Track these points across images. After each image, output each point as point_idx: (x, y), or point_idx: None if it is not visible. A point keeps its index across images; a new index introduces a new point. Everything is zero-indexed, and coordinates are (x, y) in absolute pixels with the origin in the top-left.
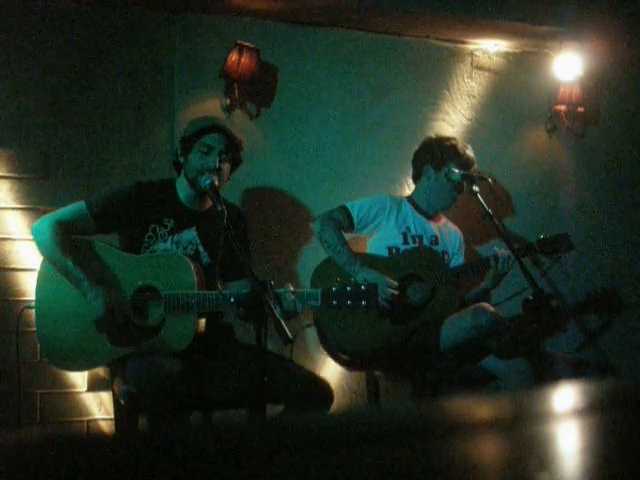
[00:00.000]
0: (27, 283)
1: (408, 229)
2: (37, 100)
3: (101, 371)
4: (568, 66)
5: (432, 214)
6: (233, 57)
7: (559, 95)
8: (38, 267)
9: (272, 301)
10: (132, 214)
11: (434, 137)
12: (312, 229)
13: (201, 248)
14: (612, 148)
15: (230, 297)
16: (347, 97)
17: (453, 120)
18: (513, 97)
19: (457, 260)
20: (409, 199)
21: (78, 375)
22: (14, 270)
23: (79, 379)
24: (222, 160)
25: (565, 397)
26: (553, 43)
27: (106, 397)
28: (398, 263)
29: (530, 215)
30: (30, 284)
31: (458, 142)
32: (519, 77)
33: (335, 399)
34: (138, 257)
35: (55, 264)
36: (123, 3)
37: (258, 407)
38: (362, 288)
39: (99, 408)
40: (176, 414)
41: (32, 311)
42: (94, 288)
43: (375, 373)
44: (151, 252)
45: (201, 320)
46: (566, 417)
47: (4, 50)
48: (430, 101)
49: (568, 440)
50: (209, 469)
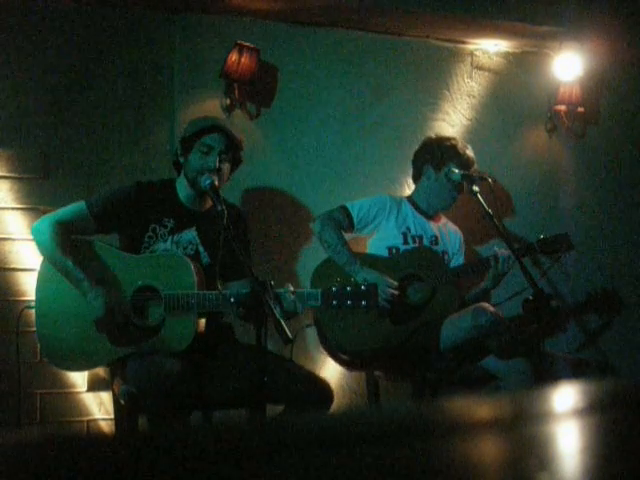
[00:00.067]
0: (27, 283)
1: (408, 229)
2: (37, 100)
3: (101, 371)
4: (568, 66)
5: (432, 214)
6: (233, 57)
7: (559, 95)
8: (38, 267)
9: (272, 301)
10: (132, 214)
11: (434, 137)
12: (312, 229)
13: (201, 248)
14: (612, 148)
15: (230, 297)
16: (347, 97)
17: (453, 120)
18: (513, 97)
19: (457, 260)
20: (409, 199)
21: (78, 375)
22: (14, 270)
23: (79, 379)
24: (222, 160)
25: (565, 397)
26: (553, 43)
27: (106, 397)
28: (398, 263)
29: (530, 215)
30: (30, 284)
31: (458, 142)
32: (519, 77)
33: (335, 399)
34: (138, 257)
35: (55, 264)
36: (123, 3)
37: (258, 407)
38: (362, 288)
39: (99, 408)
40: (176, 414)
41: (32, 311)
42: (94, 288)
43: (375, 373)
44: (151, 252)
45: (201, 320)
46: (566, 417)
47: (4, 50)
48: (430, 101)
49: (568, 440)
50: (209, 469)
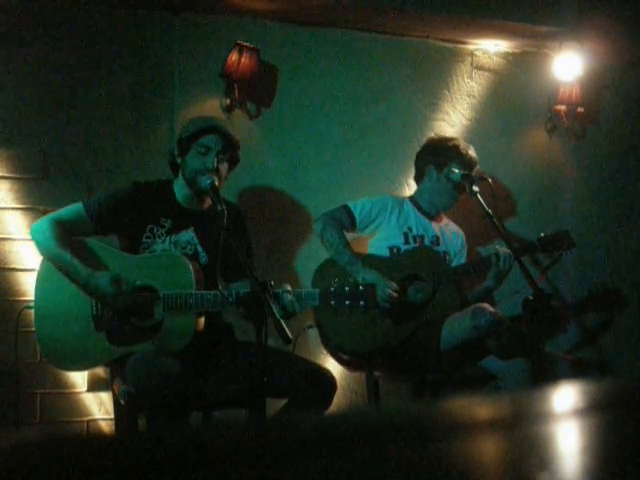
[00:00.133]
0: (27, 283)
1: (409, 229)
2: (37, 100)
3: (101, 371)
4: (568, 66)
5: (434, 214)
6: (233, 57)
7: (559, 95)
8: (37, 267)
9: (272, 301)
10: (129, 215)
11: (436, 137)
12: (314, 229)
13: (199, 248)
14: (612, 148)
15: (229, 297)
16: (347, 97)
17: (453, 120)
18: (513, 97)
19: (459, 260)
20: (411, 199)
21: (78, 375)
22: (14, 270)
23: (79, 379)
24: (220, 160)
25: (565, 397)
26: (553, 43)
27: (106, 397)
28: (399, 263)
29: (530, 215)
30: (30, 284)
31: (460, 142)
32: (519, 77)
33: (335, 399)
34: (136, 257)
35: (54, 260)
36: (123, 3)
37: (258, 407)
38: (360, 288)
39: (99, 408)
40: (176, 414)
41: (31, 311)
42: (95, 274)
43: (375, 373)
44: (150, 252)
45: (200, 320)
46: (566, 417)
47: (4, 50)
48: (430, 101)
49: (568, 440)
50: (209, 469)
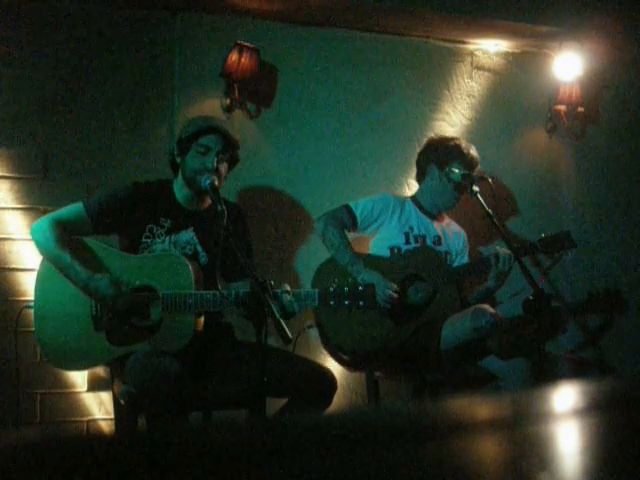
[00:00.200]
0: (27, 283)
1: (411, 229)
2: (37, 100)
3: (101, 371)
4: (568, 66)
5: (436, 214)
6: (233, 57)
7: (559, 95)
8: (37, 267)
9: (272, 301)
10: (129, 215)
11: (438, 137)
12: (315, 228)
13: (199, 248)
14: (612, 148)
15: (228, 297)
16: (347, 97)
17: (453, 120)
18: (513, 97)
19: (461, 260)
20: (413, 199)
21: (78, 375)
22: (14, 270)
23: (79, 379)
24: (220, 160)
25: (565, 397)
26: (553, 43)
27: (106, 397)
28: (400, 263)
29: (530, 215)
30: (30, 284)
31: (462, 142)
32: (519, 77)
33: (335, 399)
34: (136, 257)
35: (54, 261)
36: (123, 3)
37: (258, 407)
38: (359, 288)
39: (99, 408)
40: (175, 414)
41: (31, 311)
42: (94, 276)
43: (375, 373)
44: (149, 252)
45: (199, 320)
46: (566, 417)
47: (4, 50)
48: (430, 101)
49: (568, 440)
50: (209, 469)
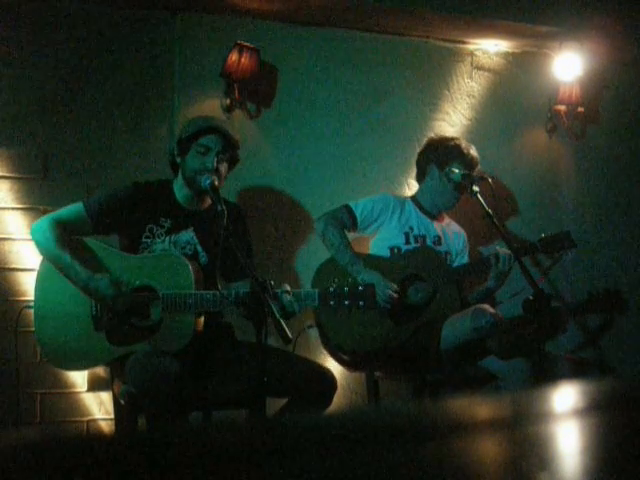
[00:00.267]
0: (27, 283)
1: (411, 229)
2: (37, 100)
3: (101, 371)
4: (568, 66)
5: (436, 214)
6: (233, 57)
7: (559, 95)
8: (37, 267)
9: (272, 301)
10: (129, 214)
11: (438, 137)
12: (315, 228)
13: (199, 248)
14: (612, 148)
15: (228, 297)
16: (347, 97)
17: (453, 120)
18: (513, 97)
19: (461, 260)
20: (413, 199)
21: (78, 375)
22: (14, 270)
23: (79, 379)
24: (220, 160)
25: (565, 397)
26: (553, 43)
27: (106, 397)
28: (399, 263)
29: (530, 215)
30: (30, 284)
31: (462, 142)
32: (519, 77)
33: (335, 399)
34: (136, 257)
35: (53, 261)
36: (123, 3)
37: (258, 407)
38: (359, 288)
39: (99, 408)
40: (175, 414)
41: (31, 311)
42: (94, 276)
43: (375, 373)
44: (149, 252)
45: (199, 320)
46: (566, 417)
47: (4, 50)
48: (430, 101)
49: (568, 440)
50: (209, 469)
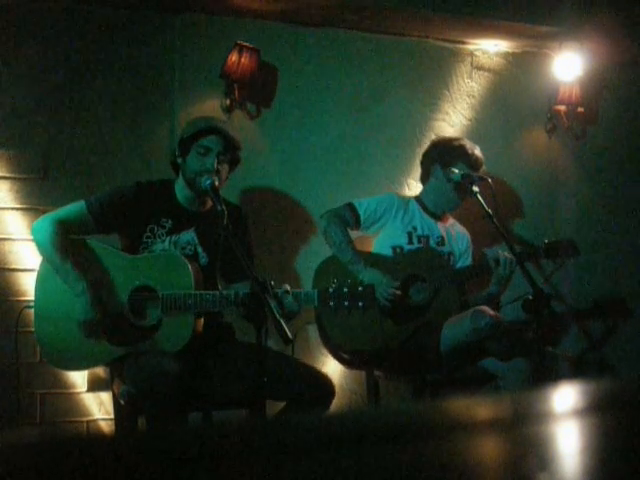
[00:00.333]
0: (27, 283)
1: (414, 228)
2: (37, 100)
3: (101, 371)
4: (568, 66)
5: (440, 215)
6: (233, 57)
7: (559, 95)
8: (37, 267)
9: (272, 301)
10: (130, 214)
11: (442, 137)
12: (318, 225)
13: (199, 249)
14: (612, 148)
15: (228, 297)
16: (347, 97)
17: (453, 120)
18: (513, 97)
19: (464, 261)
20: (417, 199)
21: (78, 375)
22: (14, 270)
23: (79, 379)
24: (220, 161)
25: (565, 397)
26: (553, 43)
27: (106, 397)
28: (401, 263)
29: (529, 215)
30: (30, 284)
31: (466, 142)
32: (519, 77)
33: (335, 399)
34: (136, 257)
35: (52, 262)
36: (123, 3)
37: (258, 407)
38: (359, 289)
39: (99, 408)
40: (175, 414)
41: (31, 311)
42: (84, 291)
43: (375, 373)
44: (149, 252)
45: (199, 320)
46: (566, 417)
47: (4, 50)
48: (430, 101)
49: (568, 440)
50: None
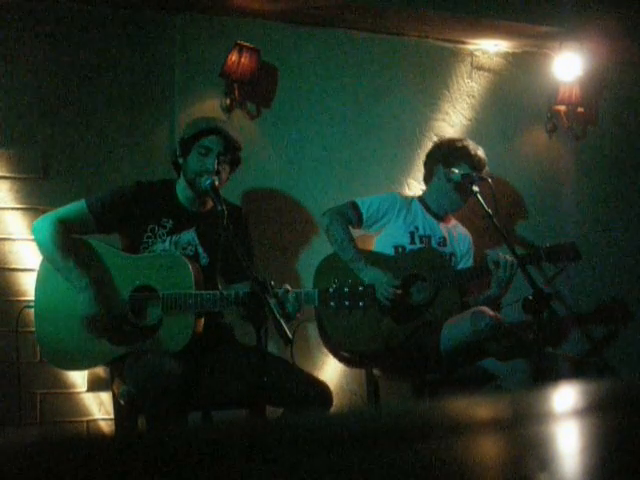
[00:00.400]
0: (27, 283)
1: (416, 228)
2: (37, 100)
3: (101, 371)
4: (568, 66)
5: (442, 215)
6: (233, 57)
7: (559, 95)
8: (37, 267)
9: (272, 301)
10: (131, 214)
11: (445, 138)
12: (320, 223)
13: (200, 249)
14: (612, 148)
15: (228, 297)
16: (347, 97)
17: (453, 120)
18: (513, 97)
19: (466, 263)
20: (420, 199)
21: (78, 375)
22: (14, 270)
23: (79, 379)
24: (221, 162)
25: (565, 397)
26: (553, 43)
27: (106, 397)
28: (403, 262)
29: (529, 215)
30: (30, 284)
31: (469, 143)
32: (519, 77)
33: (335, 399)
34: (136, 257)
35: (53, 262)
36: (123, 3)
37: (257, 407)
38: (360, 289)
39: (99, 408)
40: (175, 414)
41: (31, 311)
42: (87, 287)
43: (375, 373)
44: (150, 252)
45: (199, 320)
46: (566, 417)
47: (4, 50)
48: (430, 101)
49: (568, 440)
50: (209, 469)
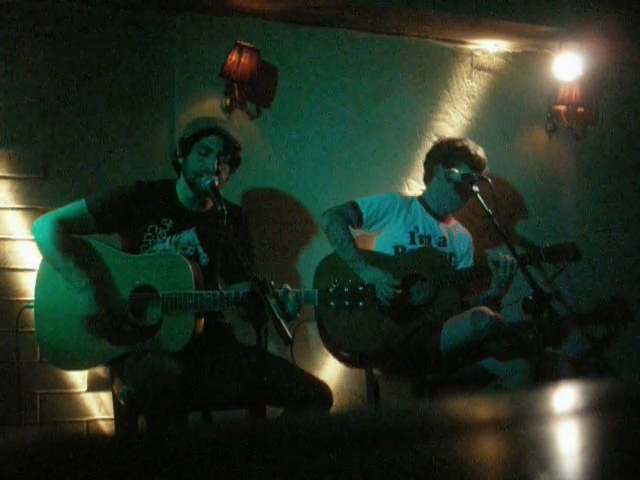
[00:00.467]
0: (27, 283)
1: (416, 228)
2: (37, 100)
3: (101, 371)
4: (568, 66)
5: (442, 215)
6: (233, 57)
7: (559, 95)
8: (37, 267)
9: (272, 301)
10: (131, 214)
11: (446, 138)
12: (320, 222)
13: (200, 249)
14: (612, 148)
15: (228, 297)
16: (347, 97)
17: (453, 120)
18: (513, 97)
19: (466, 263)
20: (420, 199)
21: (78, 375)
22: (14, 270)
23: (79, 379)
24: (221, 162)
25: (565, 397)
26: (553, 43)
27: (106, 397)
28: (403, 262)
29: (529, 215)
30: (30, 284)
31: (470, 143)
32: (519, 77)
33: (335, 399)
34: (136, 257)
35: (53, 262)
36: (123, 3)
37: (257, 407)
38: (360, 289)
39: (99, 408)
40: (175, 414)
41: (31, 311)
42: (87, 287)
43: (375, 373)
44: (150, 252)
45: (199, 320)
46: (566, 417)
47: (4, 50)
48: (430, 101)
49: (568, 440)
50: (209, 469)
